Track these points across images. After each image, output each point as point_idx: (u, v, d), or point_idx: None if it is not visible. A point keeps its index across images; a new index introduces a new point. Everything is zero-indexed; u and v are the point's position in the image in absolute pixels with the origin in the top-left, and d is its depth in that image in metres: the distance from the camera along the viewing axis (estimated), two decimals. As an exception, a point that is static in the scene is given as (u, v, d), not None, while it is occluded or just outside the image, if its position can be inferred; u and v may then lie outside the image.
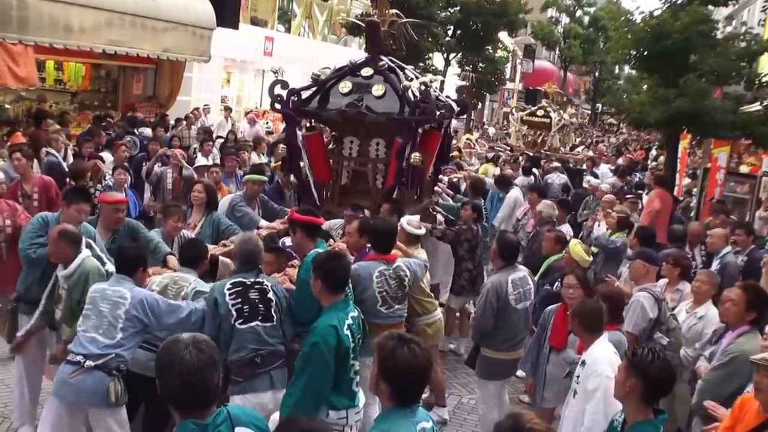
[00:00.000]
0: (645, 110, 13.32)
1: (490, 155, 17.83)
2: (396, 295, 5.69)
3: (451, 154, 14.73)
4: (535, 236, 8.89)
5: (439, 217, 8.67)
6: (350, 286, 5.00)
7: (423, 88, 7.27)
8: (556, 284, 6.63)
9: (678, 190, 15.19)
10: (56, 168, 9.30)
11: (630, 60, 14.92)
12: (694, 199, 14.78)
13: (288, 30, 27.33)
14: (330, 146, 8.28)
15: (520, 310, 6.14)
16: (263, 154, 12.53)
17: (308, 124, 8.00)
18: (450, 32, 28.32)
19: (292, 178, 8.37)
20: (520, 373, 7.00)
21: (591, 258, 7.13)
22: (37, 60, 13.15)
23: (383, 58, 7.66)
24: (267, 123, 20.62)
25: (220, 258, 5.86)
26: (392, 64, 7.71)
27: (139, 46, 14.17)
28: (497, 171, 14.42)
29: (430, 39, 25.59)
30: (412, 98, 7.24)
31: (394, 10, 8.09)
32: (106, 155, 10.45)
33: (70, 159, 10.39)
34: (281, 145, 7.89)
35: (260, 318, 4.82)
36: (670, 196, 12.18)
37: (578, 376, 4.77)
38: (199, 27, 15.71)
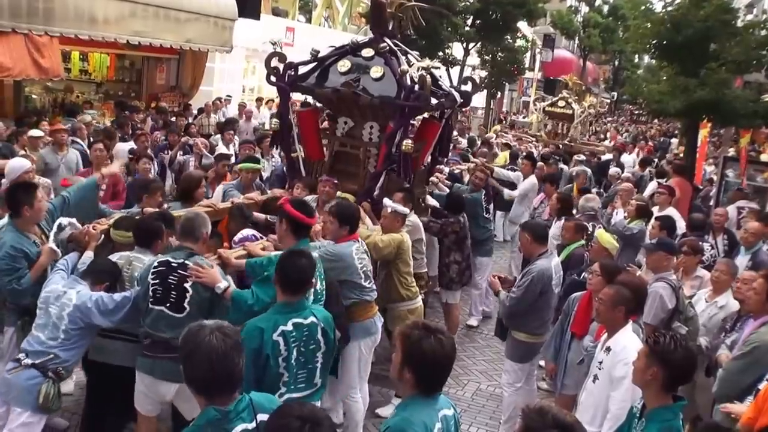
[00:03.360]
0: (664, 99, 13.27)
1: (513, 144, 17.80)
2: (370, 269, 5.61)
3: (478, 150, 14.69)
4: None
5: (432, 202, 8.45)
6: (321, 289, 4.72)
7: (421, 74, 6.87)
8: (583, 273, 6.66)
9: (698, 179, 15.12)
10: (82, 156, 9.38)
11: (650, 49, 14.85)
12: (714, 188, 14.72)
13: (309, 20, 27.43)
14: (324, 125, 8.09)
15: (555, 295, 6.22)
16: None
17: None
18: (469, 22, 28.20)
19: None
20: (541, 362, 7.06)
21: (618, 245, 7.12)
22: (62, 51, 13.31)
23: (386, 39, 7.32)
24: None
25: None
26: (394, 47, 7.36)
27: (163, 36, 14.37)
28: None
29: (449, 29, 25.51)
30: (409, 83, 6.86)
31: None
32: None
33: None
34: (275, 119, 7.80)
35: (168, 305, 4.56)
36: (689, 184, 12.15)
37: (601, 362, 4.73)
38: (221, 18, 15.88)
